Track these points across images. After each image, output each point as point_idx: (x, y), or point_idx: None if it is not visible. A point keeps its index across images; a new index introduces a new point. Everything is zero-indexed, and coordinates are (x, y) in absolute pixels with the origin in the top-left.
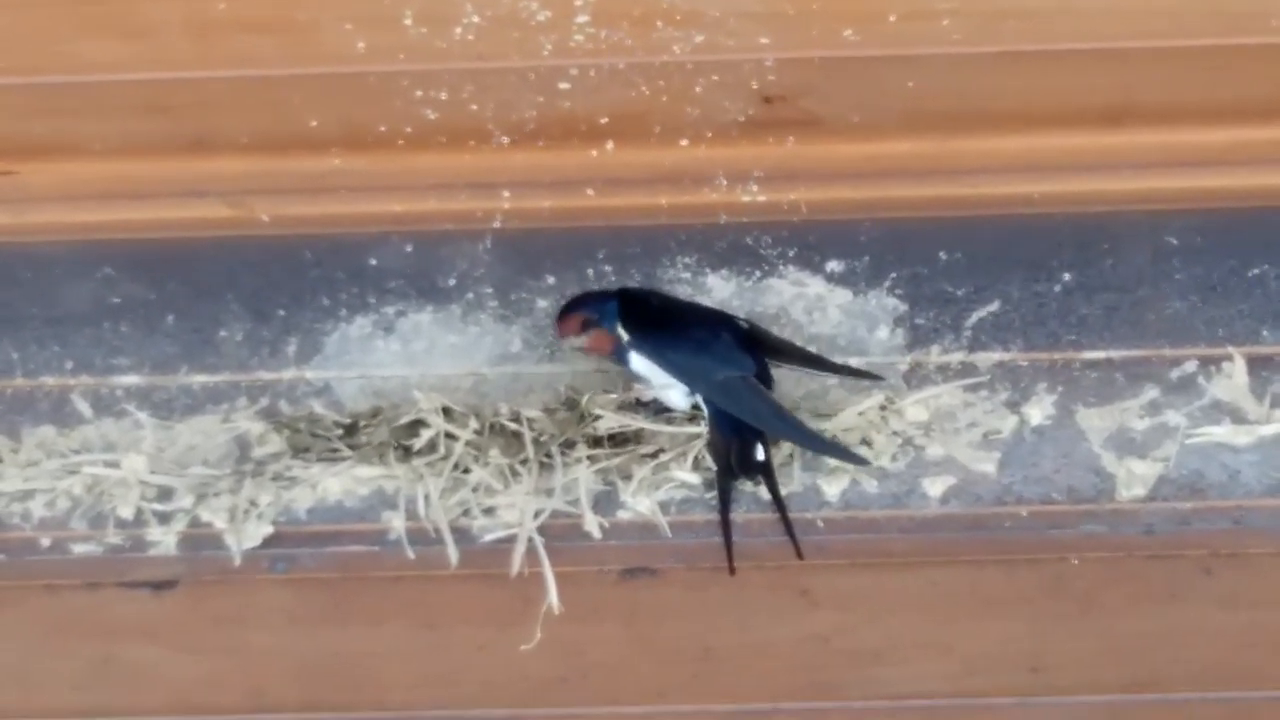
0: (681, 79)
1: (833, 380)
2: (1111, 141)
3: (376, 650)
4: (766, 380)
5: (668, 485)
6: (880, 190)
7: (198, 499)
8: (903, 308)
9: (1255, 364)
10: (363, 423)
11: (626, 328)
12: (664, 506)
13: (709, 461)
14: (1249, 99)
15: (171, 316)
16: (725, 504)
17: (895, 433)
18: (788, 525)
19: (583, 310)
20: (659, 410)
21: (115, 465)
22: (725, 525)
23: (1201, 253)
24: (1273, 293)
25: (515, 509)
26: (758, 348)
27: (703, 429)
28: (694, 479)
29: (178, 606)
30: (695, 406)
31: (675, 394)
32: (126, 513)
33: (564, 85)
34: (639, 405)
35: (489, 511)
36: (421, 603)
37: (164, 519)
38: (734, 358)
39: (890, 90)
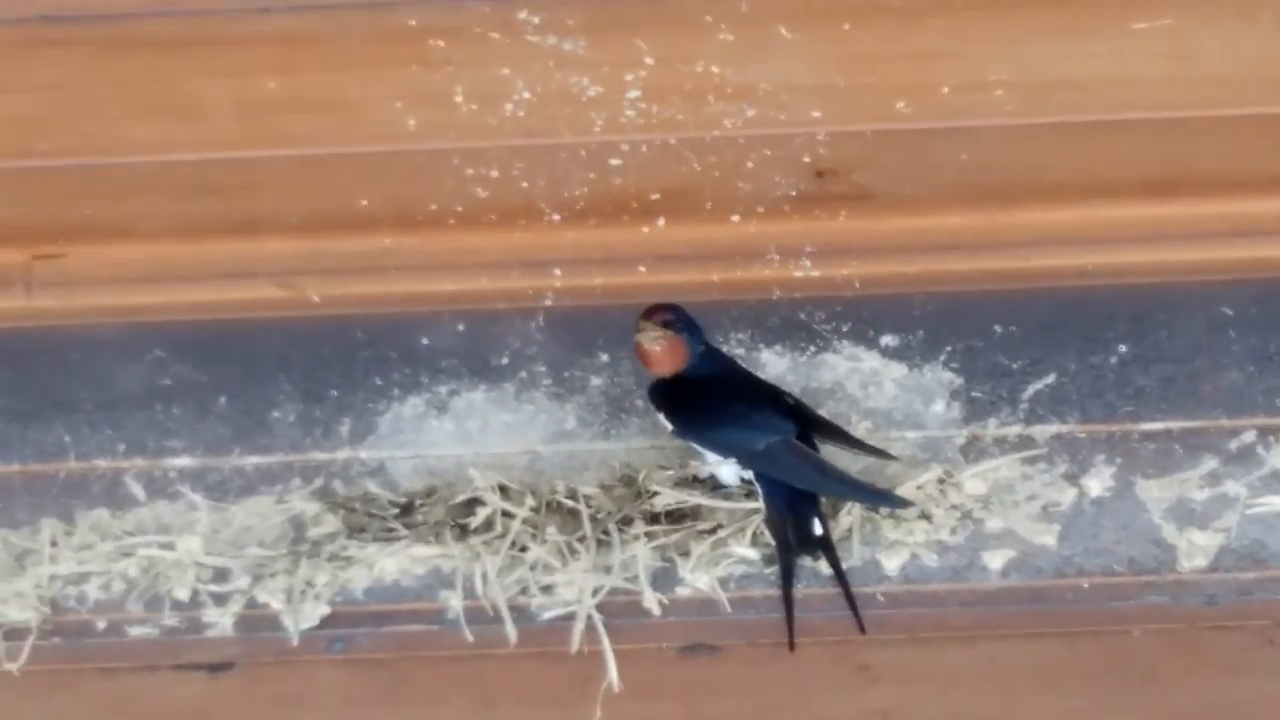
0: (733, 154)
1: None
2: (1165, 212)
3: None
4: (810, 444)
5: (726, 561)
6: (933, 264)
7: (254, 580)
8: (958, 381)
9: None
10: (418, 502)
11: (670, 418)
12: (723, 582)
13: (767, 537)
14: None
15: (223, 398)
16: (787, 580)
17: (954, 506)
18: (850, 599)
19: (673, 313)
20: (716, 486)
21: (170, 547)
22: (787, 601)
23: (1257, 323)
24: None
25: (573, 586)
26: (801, 417)
27: (760, 504)
28: (753, 555)
29: (234, 688)
30: (748, 481)
31: (726, 470)
32: (182, 594)
33: (615, 161)
34: (696, 481)
35: (547, 589)
36: (480, 682)
37: (220, 600)
38: (773, 424)
39: (943, 163)
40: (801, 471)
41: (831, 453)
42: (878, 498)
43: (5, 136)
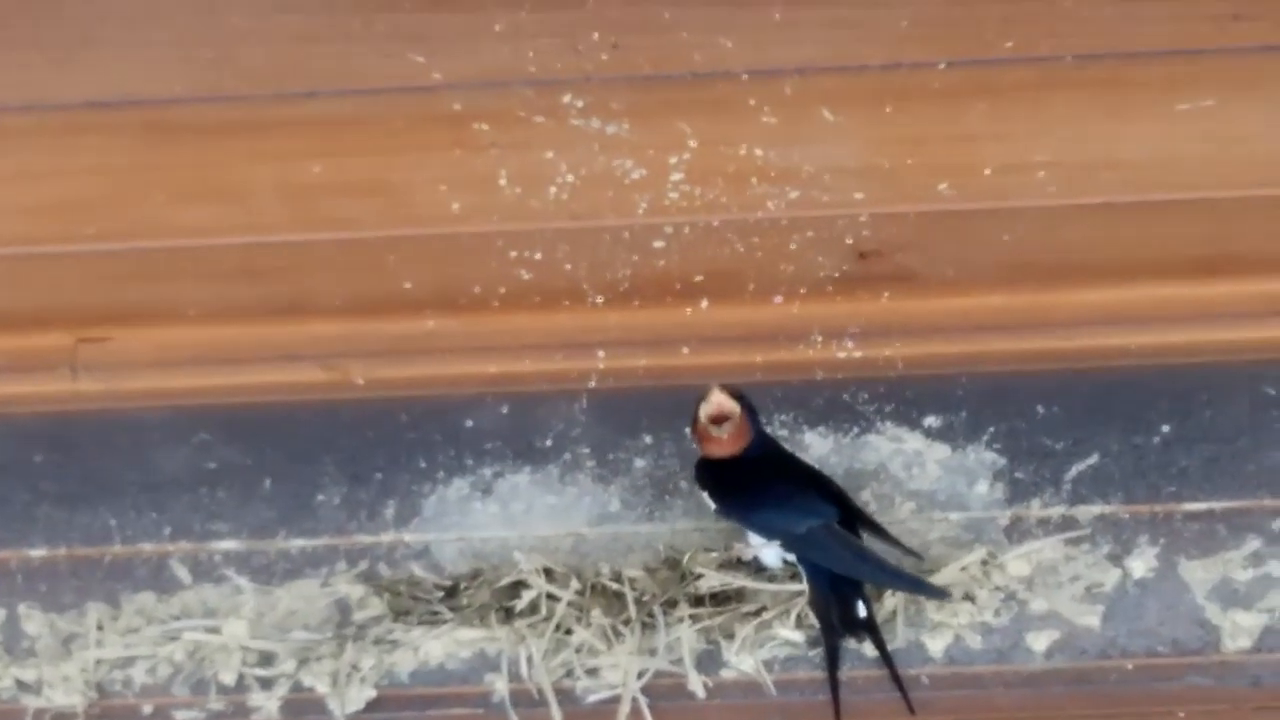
0: (776, 235)
1: (934, 535)
2: (1208, 292)
3: None
4: (852, 530)
5: (771, 643)
6: (976, 344)
7: (300, 663)
8: (1002, 462)
9: None
10: (463, 585)
11: (713, 497)
12: (768, 665)
13: (812, 619)
14: None
15: (269, 481)
16: (833, 662)
17: (998, 587)
18: (898, 680)
19: (746, 399)
20: (760, 568)
21: (216, 631)
22: (834, 684)
23: None
24: None
25: (619, 669)
26: (842, 503)
27: (804, 587)
28: (797, 637)
29: None
30: (791, 563)
31: (769, 552)
32: (228, 678)
33: (658, 244)
34: (740, 564)
35: (592, 672)
36: None
37: (266, 684)
38: (815, 508)
39: (985, 243)
40: (841, 556)
41: (871, 540)
42: (916, 586)
43: (51, 221)
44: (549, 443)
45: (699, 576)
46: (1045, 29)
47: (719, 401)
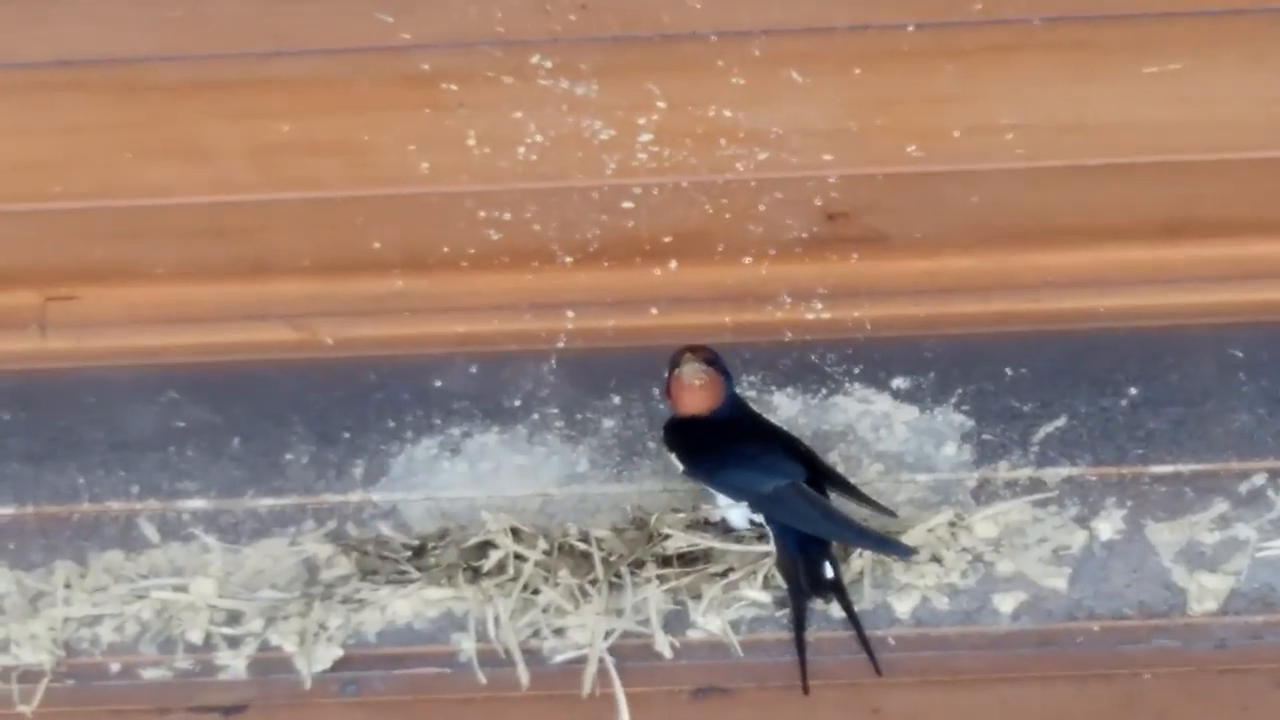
0: (745, 197)
1: (902, 497)
2: (1175, 255)
3: None
4: (820, 489)
5: (738, 604)
6: (945, 306)
7: (267, 622)
8: (970, 424)
9: None
10: (431, 544)
11: (681, 458)
12: (735, 625)
13: (779, 580)
14: None
15: (237, 440)
16: (800, 623)
17: (965, 549)
18: (864, 641)
19: (713, 355)
20: (727, 529)
21: (183, 589)
22: (800, 644)
23: (1268, 365)
24: None
25: (585, 629)
26: (812, 463)
27: (771, 548)
28: (764, 598)
29: None
30: (759, 524)
31: (736, 513)
32: (195, 637)
33: (627, 204)
34: (707, 525)
35: (559, 632)
36: None
37: (233, 643)
38: (782, 467)
39: (954, 206)
40: (808, 515)
41: (840, 500)
42: (883, 545)
43: (20, 179)
44: (517, 402)
45: (666, 537)
46: None
47: (693, 368)
